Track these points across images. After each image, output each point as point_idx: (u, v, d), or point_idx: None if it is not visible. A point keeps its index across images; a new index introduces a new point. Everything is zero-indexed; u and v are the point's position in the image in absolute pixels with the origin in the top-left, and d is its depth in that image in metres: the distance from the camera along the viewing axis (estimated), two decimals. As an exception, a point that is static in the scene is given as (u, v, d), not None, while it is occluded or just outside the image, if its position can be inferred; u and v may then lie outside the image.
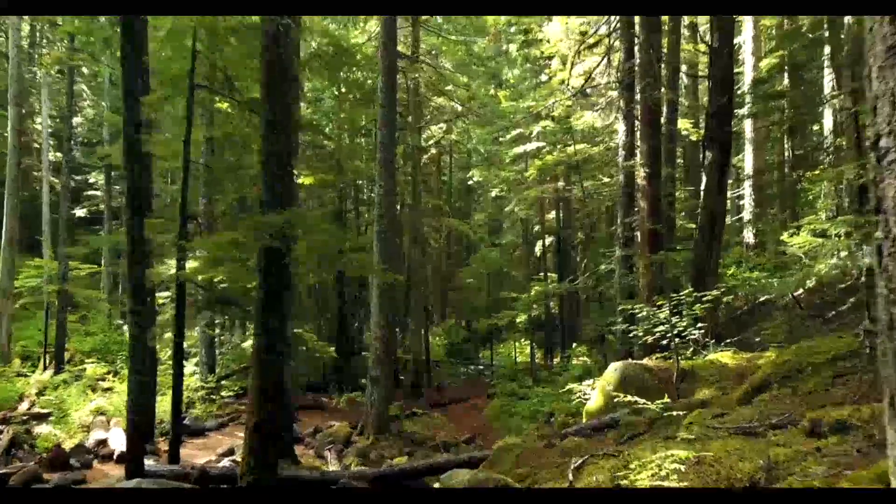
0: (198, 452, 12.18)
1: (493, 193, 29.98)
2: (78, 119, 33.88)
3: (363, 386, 16.27)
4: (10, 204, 18.62)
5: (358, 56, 21.46)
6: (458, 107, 23.47)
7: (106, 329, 23.54)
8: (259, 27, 7.49)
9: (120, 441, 10.68)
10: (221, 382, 17.04)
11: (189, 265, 9.62)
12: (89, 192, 32.67)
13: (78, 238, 20.13)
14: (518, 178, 25.12)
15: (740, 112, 17.73)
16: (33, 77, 28.60)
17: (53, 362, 19.26)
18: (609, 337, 18.09)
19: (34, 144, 31.78)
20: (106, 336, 22.72)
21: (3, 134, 24.60)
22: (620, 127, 13.85)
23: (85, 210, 31.41)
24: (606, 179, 21.67)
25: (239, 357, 19.52)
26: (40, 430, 12.48)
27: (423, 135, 24.60)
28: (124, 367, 16.35)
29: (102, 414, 13.28)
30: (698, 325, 8.23)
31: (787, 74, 19.65)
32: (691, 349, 8.88)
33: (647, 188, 12.43)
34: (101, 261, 25.87)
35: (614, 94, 18.13)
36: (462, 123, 25.73)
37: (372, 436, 14.01)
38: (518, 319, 22.68)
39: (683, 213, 19.41)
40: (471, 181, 30.90)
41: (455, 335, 32.19)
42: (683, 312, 8.03)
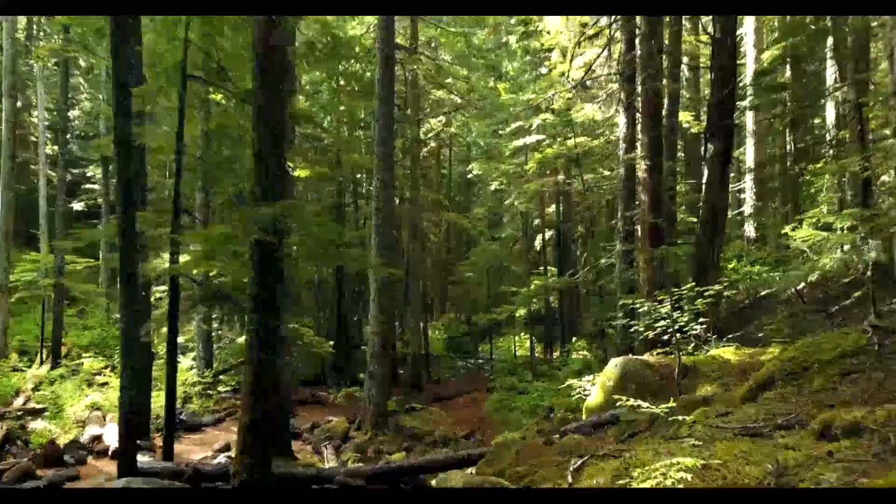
0: (194, 448, 12.08)
1: (493, 187, 29.81)
2: (75, 112, 33.71)
3: (362, 381, 16.17)
4: (4, 198, 18.44)
5: (356, 48, 21.32)
6: (458, 99, 23.28)
7: (104, 323, 23.44)
8: (253, 17, 7.33)
9: (115, 437, 10.53)
10: (219, 377, 16.92)
11: (183, 259, 9.49)
12: (87, 186, 32.52)
13: (75, 232, 19.94)
14: (518, 172, 24.94)
15: (742, 104, 17.55)
16: (30, 70, 28.36)
17: (50, 357, 19.15)
18: (609, 331, 17.96)
19: (31, 138, 31.58)
20: (104, 330, 22.61)
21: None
22: (621, 119, 13.68)
23: (83, 204, 31.26)
24: (607, 173, 21.51)
25: (236, 352, 19.40)
26: (35, 425, 12.37)
27: (423, 128, 24.42)
28: (121, 362, 16.21)
29: (98, 409, 13.17)
30: (700, 320, 8.09)
31: (789, 66, 19.46)
32: (693, 344, 8.74)
33: (648, 181, 12.27)
34: (99, 254, 25.71)
35: (615, 86, 17.96)
36: (461, 116, 25.53)
37: (370, 431, 13.91)
38: (518, 314, 22.56)
39: (684, 207, 19.25)
40: (470, 175, 30.72)
41: (454, 329, 32.10)
42: (685, 307, 7.89)
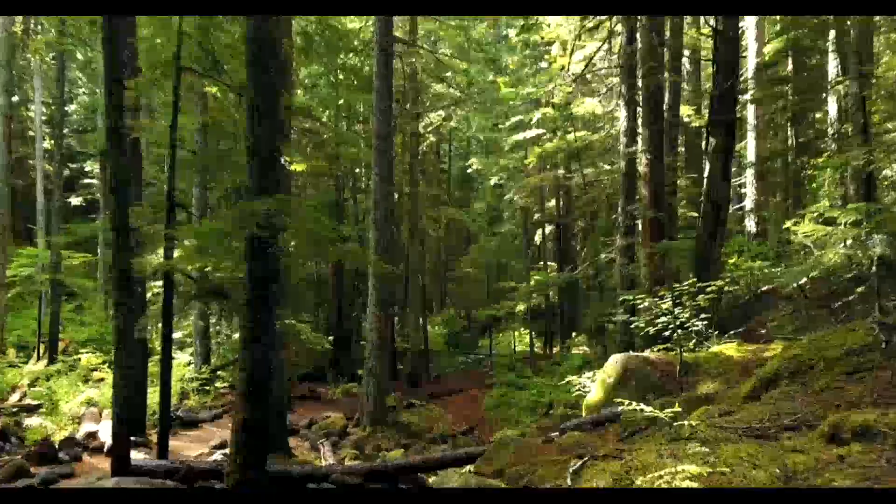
0: (191, 445, 11.97)
1: (493, 182, 29.68)
2: (73, 106, 33.54)
3: (361, 376, 16.07)
4: (0, 192, 18.31)
5: (355, 41, 21.15)
6: (457, 93, 23.11)
7: (102, 319, 23.33)
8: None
9: (110, 434, 10.45)
10: (216, 373, 16.82)
11: (177, 255, 9.37)
12: (85, 181, 32.40)
13: (69, 227, 19.83)
14: (518, 166, 24.82)
15: (743, 98, 17.40)
16: (28, 64, 28.19)
17: (47, 353, 19.06)
18: (609, 327, 17.87)
19: (29, 132, 31.44)
20: (102, 326, 22.50)
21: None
22: (622, 113, 13.55)
23: (81, 198, 31.12)
24: (607, 167, 21.39)
25: (234, 347, 19.30)
26: (30, 422, 12.24)
27: (422, 122, 24.25)
28: (118, 358, 16.09)
29: (94, 405, 13.05)
30: (701, 315, 7.98)
31: (790, 59, 19.31)
32: (694, 341, 8.63)
33: (649, 175, 12.16)
34: (98, 250, 25.59)
35: (615, 79, 17.82)
36: (461, 111, 25.35)
37: (368, 427, 13.81)
38: (517, 309, 22.46)
39: (684, 202, 19.13)
40: (470, 169, 30.56)
41: (454, 324, 31.99)
42: (686, 303, 7.78)
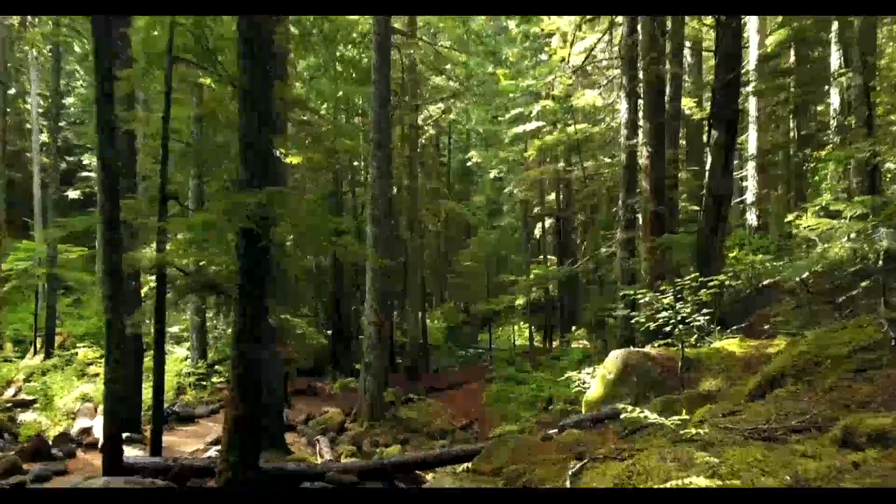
0: (187, 440, 11.86)
1: (493, 175, 29.51)
2: (70, 99, 33.32)
3: (359, 371, 15.96)
4: (-5, 186, 18.16)
5: (353, 34, 20.96)
6: (456, 85, 22.91)
7: (100, 313, 23.16)
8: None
9: (102, 431, 10.34)
10: (213, 368, 16.69)
11: (169, 248, 9.23)
12: (83, 174, 32.20)
13: (64, 220, 19.68)
14: (518, 159, 24.66)
15: (745, 90, 17.22)
16: (25, 56, 27.97)
17: (44, 347, 18.95)
18: (609, 321, 17.73)
19: (26, 125, 31.26)
20: (99, 320, 22.32)
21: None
22: (622, 105, 13.38)
23: (79, 192, 30.94)
24: (608, 160, 21.22)
25: (230, 343, 19.13)
26: (25, 417, 12.15)
27: (421, 115, 24.07)
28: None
29: (89, 401, 12.93)
30: (703, 311, 7.84)
31: (793, 51, 19.12)
32: (695, 336, 8.49)
33: (650, 168, 12.00)
34: (96, 243, 25.43)
35: (616, 71, 17.63)
36: (460, 104, 25.17)
37: (366, 423, 13.71)
38: (517, 303, 22.36)
39: (685, 195, 18.96)
40: (470, 162, 30.40)
41: (453, 318, 31.91)
42: (688, 298, 7.64)
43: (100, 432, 10.93)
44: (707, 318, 7.90)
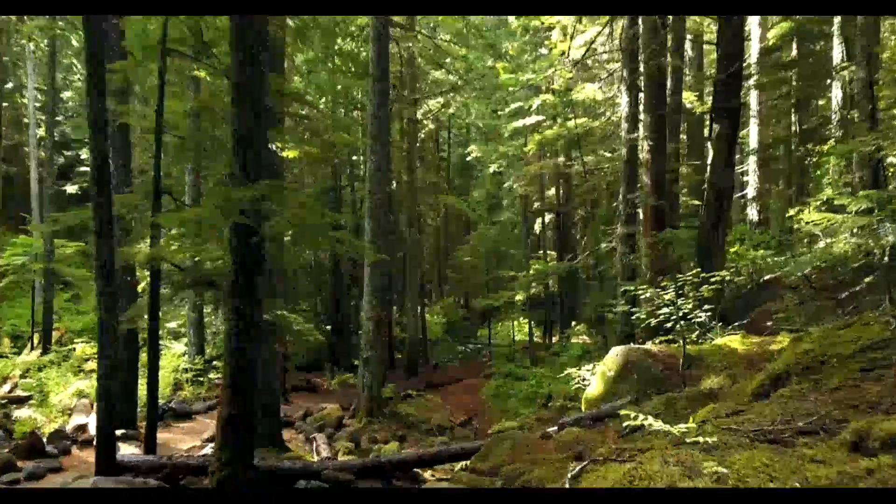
0: (183, 437, 11.77)
1: (492, 169, 29.35)
2: (68, 93, 33.14)
3: (357, 366, 15.87)
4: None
5: (351, 27, 20.77)
6: (455, 79, 22.74)
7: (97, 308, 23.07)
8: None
9: (95, 428, 10.25)
10: (211, 363, 16.58)
11: (164, 244, 9.11)
12: (81, 168, 32.04)
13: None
14: (517, 154, 24.51)
15: (747, 84, 17.06)
16: (22, 50, 27.79)
17: (41, 342, 18.85)
18: (609, 316, 17.63)
19: (24, 119, 31.10)
20: (97, 315, 22.25)
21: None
22: (623, 98, 13.24)
23: (76, 187, 30.79)
24: (608, 154, 21.07)
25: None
26: (20, 413, 12.04)
27: (420, 110, 23.91)
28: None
29: (85, 397, 12.82)
30: (705, 307, 7.72)
31: (794, 44, 18.97)
32: (697, 332, 8.38)
33: (651, 162, 11.87)
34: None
35: (616, 65, 17.48)
36: (460, 98, 24.99)
37: (364, 419, 13.61)
38: (517, 298, 22.25)
39: (685, 190, 18.82)
40: (469, 157, 30.22)
41: (453, 313, 31.81)
42: (689, 294, 7.52)
43: (95, 429, 10.85)
44: (708, 314, 7.79)
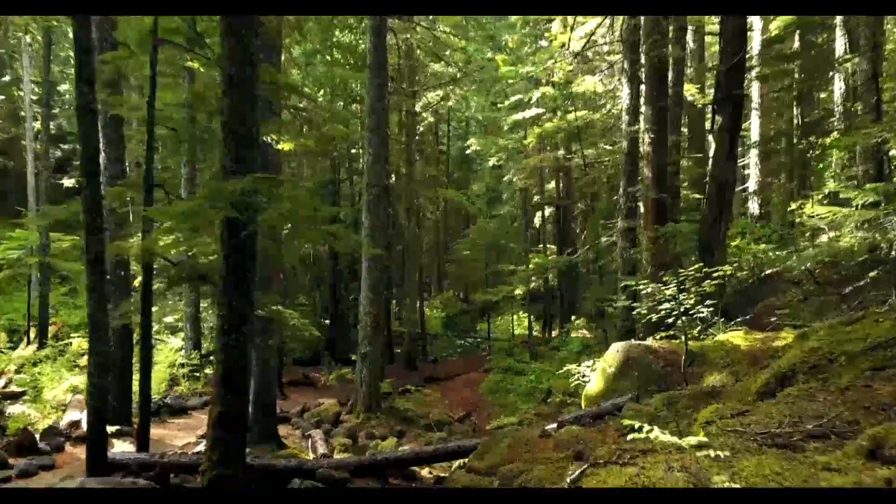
0: (178, 433, 11.64)
1: (492, 163, 29.17)
2: (65, 86, 32.91)
3: (355, 361, 15.73)
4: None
5: (350, 18, 20.56)
6: (454, 71, 22.54)
7: (94, 302, 22.92)
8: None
9: (86, 426, 10.11)
10: (207, 359, 16.44)
11: (156, 237, 8.96)
12: (77, 162, 31.82)
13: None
14: (517, 147, 24.32)
15: (749, 76, 16.88)
16: (18, 42, 27.56)
17: (38, 337, 18.72)
18: (609, 310, 17.49)
19: (20, 112, 30.90)
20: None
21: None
22: (624, 90, 13.05)
23: (73, 180, 30.59)
24: (608, 147, 20.88)
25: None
26: (13, 409, 11.89)
27: (420, 103, 23.72)
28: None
29: (79, 393, 12.67)
30: (707, 302, 7.58)
31: (797, 36, 18.78)
32: (698, 328, 8.24)
33: (652, 155, 11.69)
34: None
35: (617, 57, 17.29)
36: (459, 91, 24.79)
37: (362, 414, 13.50)
38: (516, 292, 22.11)
39: (686, 183, 18.65)
40: (469, 150, 30.04)
41: (452, 307, 31.71)
42: (691, 289, 7.37)
43: (86, 427, 10.72)
44: (710, 309, 7.64)
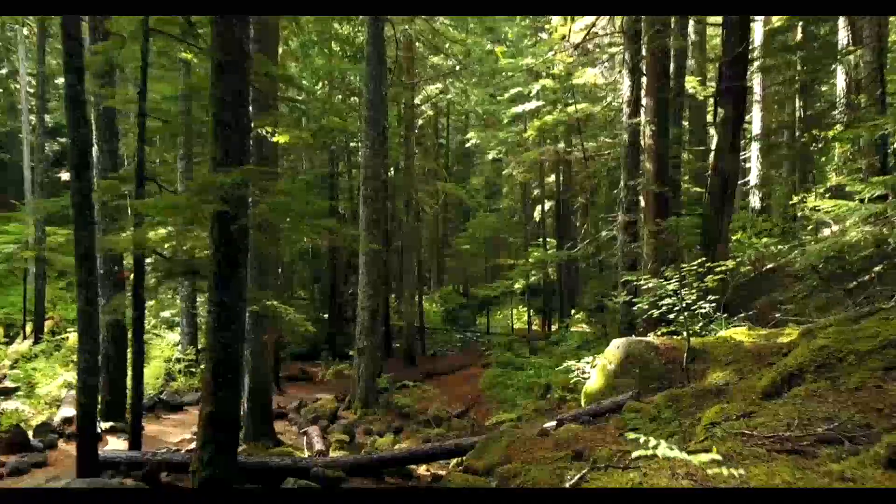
0: (173, 430, 11.52)
1: (491, 156, 28.99)
2: (62, 79, 32.69)
3: (353, 356, 15.59)
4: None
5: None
6: (454, 63, 22.33)
7: (91, 296, 22.77)
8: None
9: (75, 424, 9.97)
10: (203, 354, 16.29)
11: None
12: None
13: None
14: (517, 140, 24.14)
15: (751, 67, 16.68)
16: (15, 35, 27.34)
17: (34, 332, 18.60)
18: (608, 304, 17.33)
19: (18, 105, 30.71)
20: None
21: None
22: (625, 82, 12.86)
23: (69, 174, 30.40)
24: (609, 140, 20.69)
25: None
26: (6, 405, 11.77)
27: (419, 96, 23.51)
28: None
29: (73, 388, 12.55)
30: (709, 297, 7.42)
31: (800, 27, 18.59)
32: (700, 324, 8.08)
33: (654, 147, 11.52)
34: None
35: (618, 48, 17.09)
36: (459, 84, 24.58)
37: (360, 410, 13.39)
38: (515, 286, 21.95)
39: (687, 177, 18.48)
40: (468, 144, 29.85)
41: (452, 301, 31.53)
42: (693, 284, 7.21)
43: (76, 425, 10.59)
44: (713, 305, 7.49)
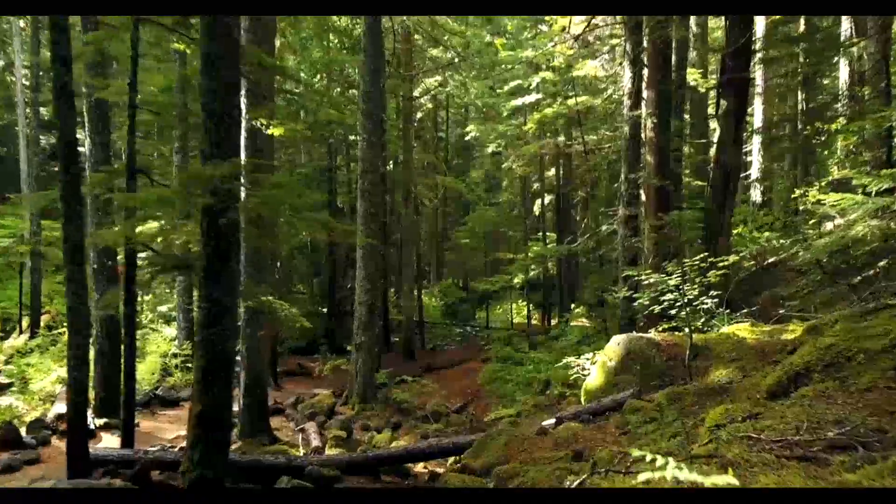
0: (168, 426, 11.41)
1: (491, 149, 28.82)
2: (57, 72, 32.49)
3: (351, 351, 15.47)
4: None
5: (346, 1, 20.12)
6: (453, 56, 22.13)
7: (91, 291, 22.64)
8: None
9: (66, 422, 9.85)
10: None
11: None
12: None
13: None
14: (517, 133, 23.95)
15: (754, 59, 16.49)
16: (10, 27, 27.08)
17: (30, 327, 18.48)
18: (608, 299, 17.20)
19: (14, 98, 30.47)
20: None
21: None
22: (626, 73, 12.67)
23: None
24: (609, 133, 20.51)
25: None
26: (1, 401, 11.67)
27: (418, 88, 23.32)
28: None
29: (68, 384, 12.44)
30: (711, 293, 7.28)
31: (802, 19, 18.40)
32: (702, 319, 7.94)
33: (655, 140, 11.35)
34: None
35: (618, 40, 16.90)
36: (458, 76, 24.38)
37: (357, 405, 13.27)
38: (515, 281, 21.81)
39: (688, 170, 18.32)
40: (468, 137, 29.67)
41: (451, 295, 31.41)
42: (695, 279, 7.06)
43: (66, 423, 10.46)
44: (715, 300, 7.35)
